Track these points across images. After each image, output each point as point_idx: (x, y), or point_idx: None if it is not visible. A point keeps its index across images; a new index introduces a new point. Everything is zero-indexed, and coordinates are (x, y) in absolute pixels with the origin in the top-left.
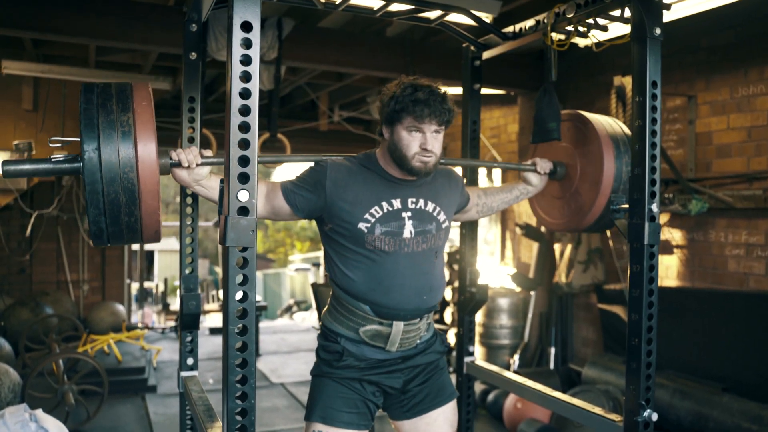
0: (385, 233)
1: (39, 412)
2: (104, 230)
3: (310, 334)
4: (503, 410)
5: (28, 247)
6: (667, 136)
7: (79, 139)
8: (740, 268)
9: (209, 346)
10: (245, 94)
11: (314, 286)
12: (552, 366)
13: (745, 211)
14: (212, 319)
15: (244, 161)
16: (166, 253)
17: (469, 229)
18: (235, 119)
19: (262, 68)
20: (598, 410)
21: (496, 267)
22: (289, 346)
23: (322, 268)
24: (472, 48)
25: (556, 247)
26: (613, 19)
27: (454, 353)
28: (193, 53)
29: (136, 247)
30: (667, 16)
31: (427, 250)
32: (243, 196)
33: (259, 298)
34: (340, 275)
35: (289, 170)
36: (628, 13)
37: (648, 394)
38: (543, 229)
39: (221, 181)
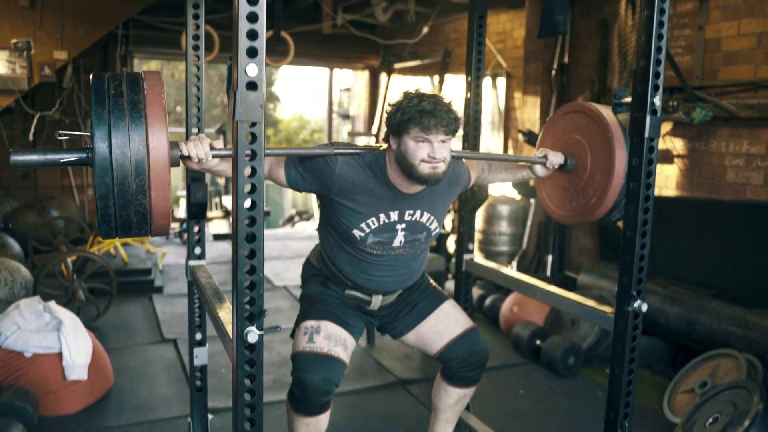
0: (377, 242)
1: (52, 303)
2: (113, 217)
3: (311, 240)
4: (499, 314)
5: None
6: (675, 42)
7: (87, 134)
8: (738, 178)
9: (214, 251)
10: None
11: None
12: (549, 273)
13: (748, 120)
14: (215, 225)
15: (252, 35)
16: None
17: (473, 138)
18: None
19: None
20: (590, 302)
21: None
22: (291, 251)
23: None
24: None
25: None
26: None
27: (453, 260)
28: None
29: None
30: None
31: (413, 253)
32: (252, 70)
33: None
34: (330, 248)
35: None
36: None
37: (639, 285)
38: None
39: (229, 59)
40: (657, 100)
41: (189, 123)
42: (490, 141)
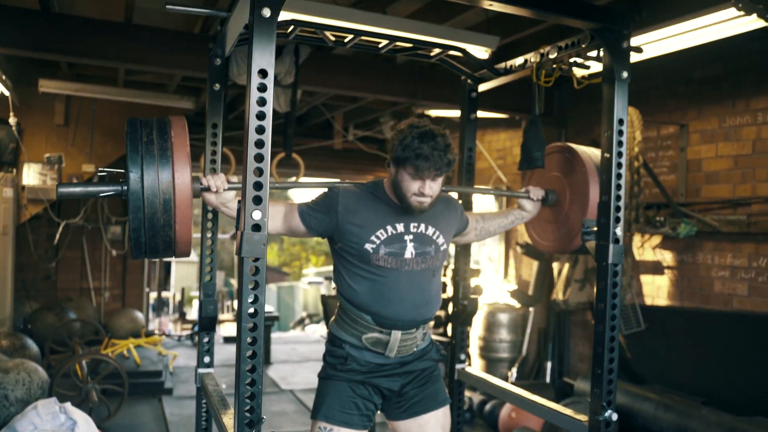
0: (389, 253)
1: (68, 405)
2: (143, 245)
3: (319, 344)
4: (498, 419)
5: (54, 255)
6: (661, 162)
7: (121, 170)
8: (725, 289)
9: (223, 353)
10: (260, 129)
11: (323, 297)
12: (548, 379)
13: (730, 234)
14: (226, 328)
15: (258, 186)
16: (182, 264)
17: (463, 247)
18: (252, 151)
19: (279, 92)
20: (568, 411)
21: (499, 284)
22: (299, 355)
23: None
24: (469, 81)
25: (555, 265)
26: (590, 58)
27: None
28: (217, 84)
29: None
30: (654, 51)
31: (426, 270)
32: (256, 215)
33: (271, 308)
34: (347, 287)
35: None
36: None
37: (609, 396)
38: None
39: (239, 201)
40: (618, 231)
41: (204, 227)
42: (492, 251)
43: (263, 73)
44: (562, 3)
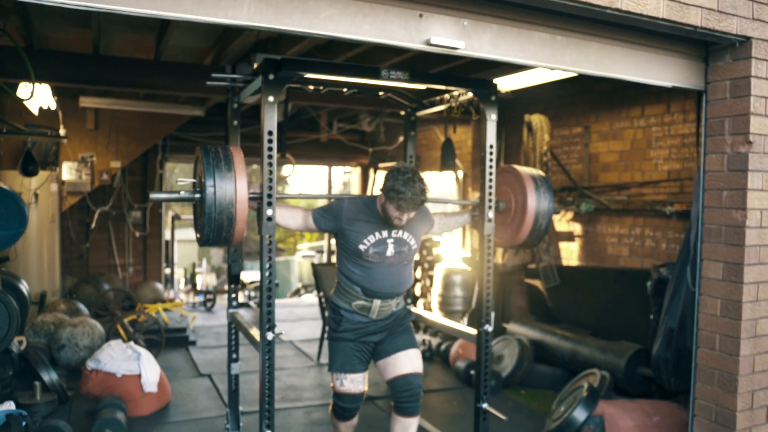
0: (375, 252)
1: (131, 343)
2: (210, 239)
3: (313, 307)
4: (449, 355)
5: (86, 238)
6: (571, 155)
7: (194, 180)
8: (614, 251)
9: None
10: (270, 164)
11: (314, 266)
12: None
13: (617, 211)
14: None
15: (269, 197)
16: (184, 242)
17: None
18: (266, 176)
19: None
20: (465, 327)
21: (457, 252)
22: (295, 316)
23: (325, 254)
24: (408, 110)
25: None
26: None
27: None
28: (235, 121)
29: (167, 237)
30: (517, 85)
31: (400, 262)
32: (269, 212)
33: None
34: (345, 269)
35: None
36: None
37: (487, 317)
38: None
39: (258, 204)
40: (491, 214)
41: None
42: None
43: (270, 133)
44: (455, 79)
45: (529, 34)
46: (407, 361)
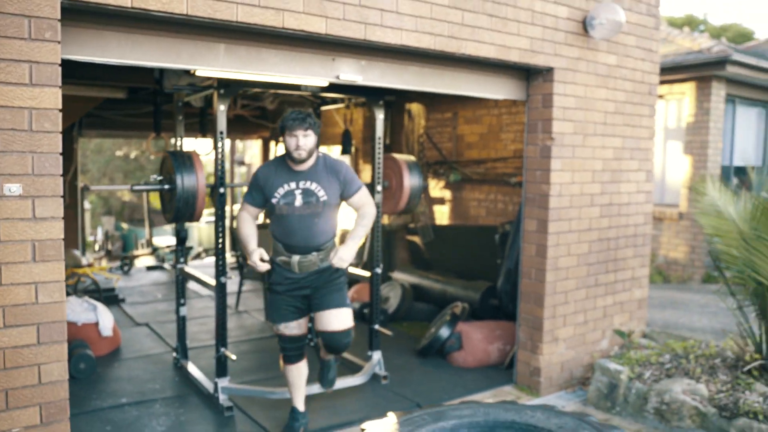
0: (285, 203)
1: (86, 297)
2: (179, 217)
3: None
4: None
5: None
6: (442, 135)
7: (159, 176)
8: (475, 212)
9: (151, 277)
10: (222, 162)
11: (231, 229)
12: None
13: (477, 180)
14: (141, 261)
15: (221, 179)
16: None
17: None
18: (217, 163)
19: None
20: (363, 271)
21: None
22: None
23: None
24: (314, 106)
25: None
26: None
27: None
28: (180, 116)
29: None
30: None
31: (311, 213)
32: (221, 189)
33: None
34: (271, 226)
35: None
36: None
37: (377, 263)
38: None
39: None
40: (379, 187)
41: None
42: None
43: (222, 133)
44: (354, 89)
45: (405, 68)
46: (335, 320)
